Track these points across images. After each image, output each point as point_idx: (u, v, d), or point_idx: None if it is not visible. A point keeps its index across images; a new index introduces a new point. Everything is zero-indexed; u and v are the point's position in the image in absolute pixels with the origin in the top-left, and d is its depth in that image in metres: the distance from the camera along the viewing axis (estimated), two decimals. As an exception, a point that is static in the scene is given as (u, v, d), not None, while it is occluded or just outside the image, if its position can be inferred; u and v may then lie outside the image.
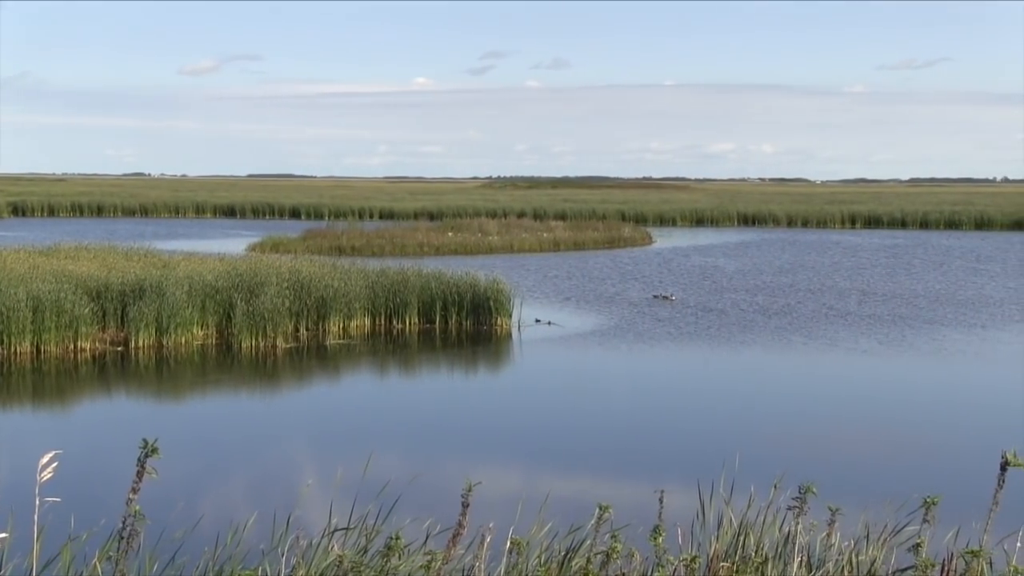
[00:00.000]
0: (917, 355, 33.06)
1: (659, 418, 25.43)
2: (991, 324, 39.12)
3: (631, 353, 33.20)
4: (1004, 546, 8.27)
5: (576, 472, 20.12)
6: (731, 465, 9.95)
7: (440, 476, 18.84)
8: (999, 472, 7.58)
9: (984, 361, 32.31)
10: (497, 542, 8.41)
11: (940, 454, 21.77)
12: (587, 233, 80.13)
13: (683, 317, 39.95)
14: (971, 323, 39.31)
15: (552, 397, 28.19)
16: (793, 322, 39.09)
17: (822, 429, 24.11)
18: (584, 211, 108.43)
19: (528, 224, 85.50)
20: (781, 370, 31.49)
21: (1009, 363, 32.23)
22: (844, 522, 8.75)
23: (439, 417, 25.64)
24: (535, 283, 50.73)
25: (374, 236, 70.60)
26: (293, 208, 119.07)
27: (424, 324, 37.58)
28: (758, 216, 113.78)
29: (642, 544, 8.31)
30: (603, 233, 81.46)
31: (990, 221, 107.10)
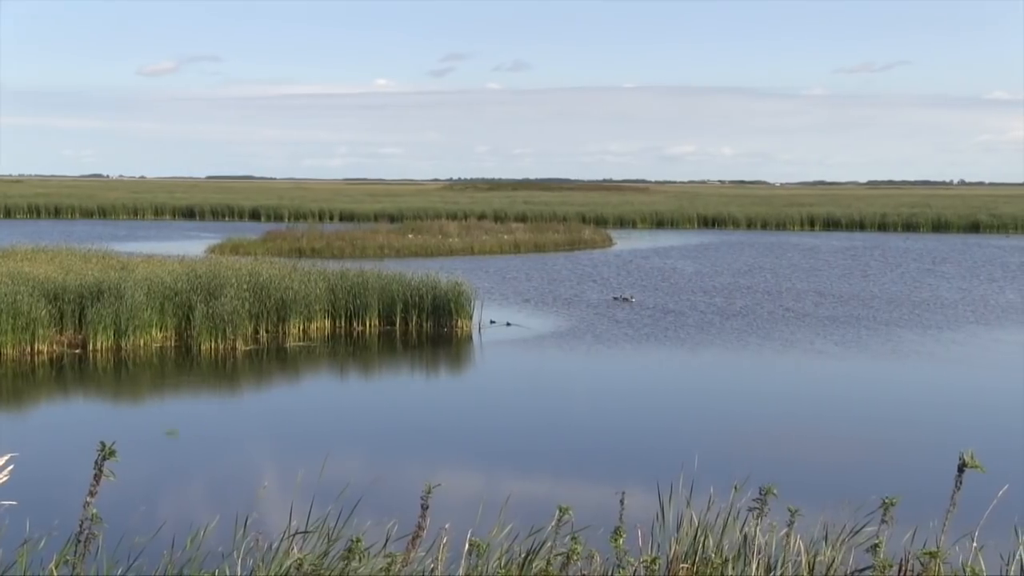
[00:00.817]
0: (873, 356, 33.27)
1: (619, 419, 25.46)
2: (946, 325, 39.42)
3: (591, 354, 33.24)
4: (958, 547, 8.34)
5: (536, 474, 20.13)
6: (690, 466, 9.99)
7: (400, 478, 18.81)
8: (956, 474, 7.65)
9: (939, 362, 32.54)
10: (457, 544, 8.41)
11: (898, 455, 21.91)
12: (547, 235, 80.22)
13: (642, 318, 40.05)
14: (926, 324, 39.60)
15: (512, 398, 28.19)
16: (751, 323, 39.26)
17: (781, 430, 24.22)
18: (544, 213, 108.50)
19: (488, 226, 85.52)
20: (739, 371, 31.61)
21: (963, 364, 32.47)
22: (803, 523, 8.79)
23: (399, 419, 25.59)
24: (495, 285, 50.73)
25: (334, 238, 70.39)
26: (253, 210, 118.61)
27: (384, 326, 37.50)
28: (718, 218, 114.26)
29: (602, 545, 8.32)
30: (563, 235, 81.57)
31: (947, 223, 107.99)
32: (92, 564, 7.97)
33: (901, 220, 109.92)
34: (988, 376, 31.22)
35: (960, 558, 8.26)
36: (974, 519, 8.58)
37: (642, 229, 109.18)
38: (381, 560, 8.30)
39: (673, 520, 9.20)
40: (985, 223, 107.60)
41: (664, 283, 53.23)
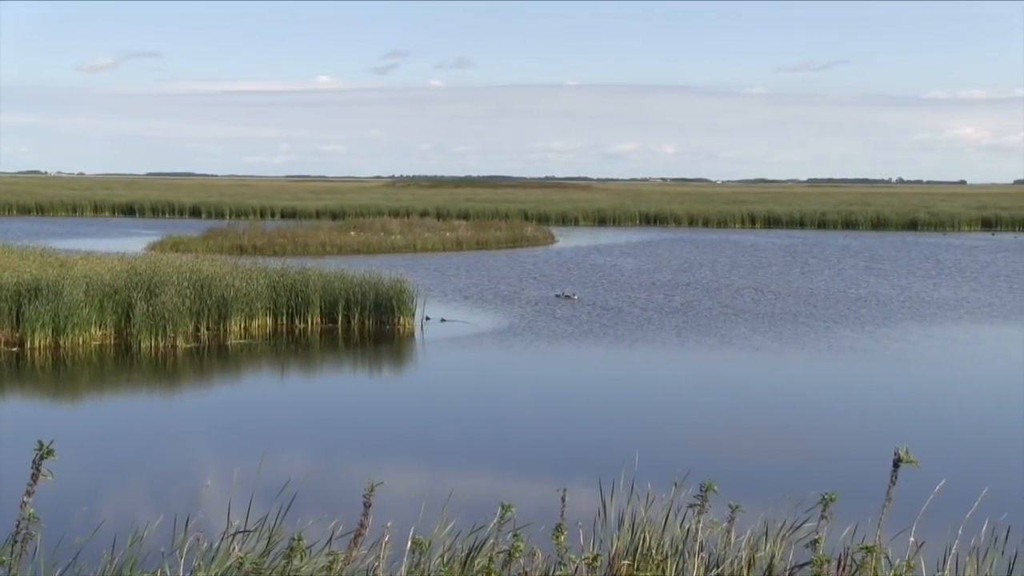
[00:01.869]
0: (811, 352, 33.56)
1: (561, 417, 25.52)
2: (882, 321, 39.82)
3: (533, 352, 33.30)
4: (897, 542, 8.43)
5: (479, 471, 20.15)
6: (632, 463, 10.02)
7: (342, 476, 18.77)
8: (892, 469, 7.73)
9: (875, 358, 32.85)
10: (399, 541, 8.41)
11: (837, 451, 22.11)
12: (490, 232, 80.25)
13: (584, 316, 40.17)
14: (863, 320, 39.99)
15: (455, 396, 28.19)
16: (691, 320, 39.50)
17: (721, 426, 24.38)
18: (487, 211, 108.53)
19: (431, 223, 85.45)
20: (679, 368, 31.78)
21: (899, 360, 32.81)
22: (744, 519, 8.86)
23: (342, 417, 25.52)
24: (438, 282, 50.69)
25: (276, 235, 70.06)
26: (194, 207, 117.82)
27: (326, 323, 37.38)
28: (659, 216, 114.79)
29: (544, 543, 8.35)
30: (506, 233, 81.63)
31: (886, 221, 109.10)
32: (29, 565, 7.90)
33: (841, 218, 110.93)
34: (923, 372, 31.57)
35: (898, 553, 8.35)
36: (914, 514, 8.69)
37: (584, 227, 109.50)
38: (323, 559, 8.29)
39: (615, 517, 9.24)
40: (923, 221, 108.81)
41: (605, 280, 53.41)
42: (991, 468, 19.96)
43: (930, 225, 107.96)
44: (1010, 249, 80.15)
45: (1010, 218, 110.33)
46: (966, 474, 16.77)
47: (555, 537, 8.23)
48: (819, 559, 7.98)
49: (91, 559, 8.87)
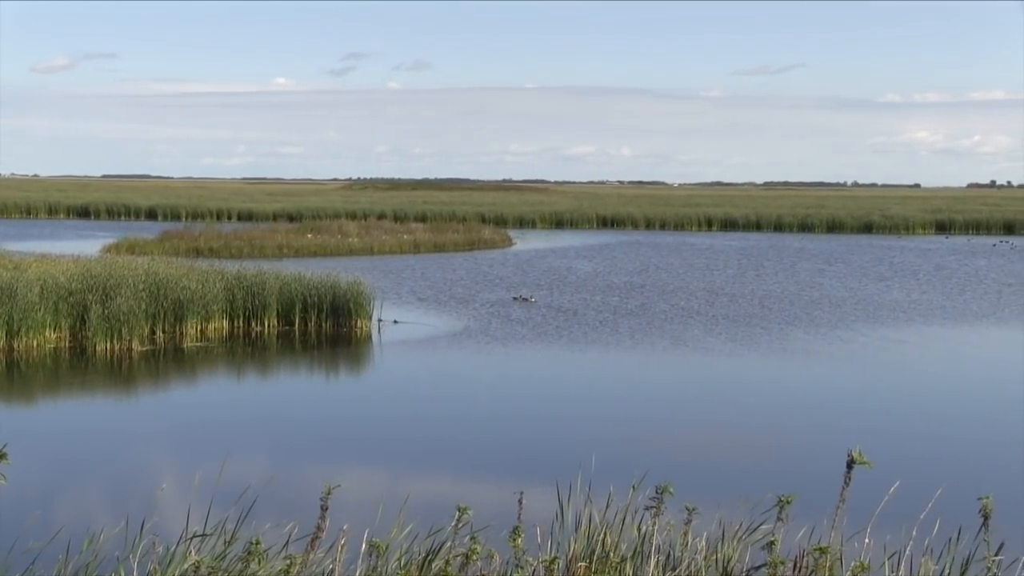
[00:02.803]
0: (765, 354, 33.75)
1: (519, 419, 25.55)
2: (836, 323, 40.09)
3: (490, 354, 33.31)
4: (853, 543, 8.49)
5: (436, 474, 20.13)
6: (589, 465, 10.05)
7: (300, 479, 18.71)
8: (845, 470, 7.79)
9: (828, 360, 33.08)
10: (356, 544, 8.40)
11: (792, 452, 22.24)
12: (447, 235, 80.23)
13: (542, 318, 40.22)
14: (817, 322, 40.26)
15: (412, 398, 28.15)
16: (647, 322, 39.63)
17: (677, 428, 24.47)
18: (444, 213, 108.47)
19: (388, 226, 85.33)
20: (636, 370, 31.87)
21: (852, 362, 33.04)
22: (701, 521, 8.90)
23: (299, 420, 25.44)
24: (395, 284, 50.61)
25: (232, 237, 69.76)
26: (150, 209, 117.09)
27: (283, 326, 37.26)
28: (616, 218, 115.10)
29: (502, 546, 8.36)
30: (463, 235, 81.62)
31: (841, 224, 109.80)
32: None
33: (797, 221, 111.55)
34: (876, 373, 31.78)
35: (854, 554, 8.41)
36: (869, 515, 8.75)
37: (542, 229, 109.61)
38: (280, 562, 8.27)
39: (572, 519, 9.26)
40: (878, 224, 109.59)
41: (562, 283, 53.50)
42: (944, 468, 20.13)
43: (885, 228, 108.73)
44: (963, 252, 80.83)
45: (963, 221, 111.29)
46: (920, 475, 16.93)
47: (512, 539, 8.24)
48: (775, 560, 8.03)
49: (46, 564, 8.81)
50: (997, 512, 8.06)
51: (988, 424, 25.24)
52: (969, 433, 24.33)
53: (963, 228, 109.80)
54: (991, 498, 8.03)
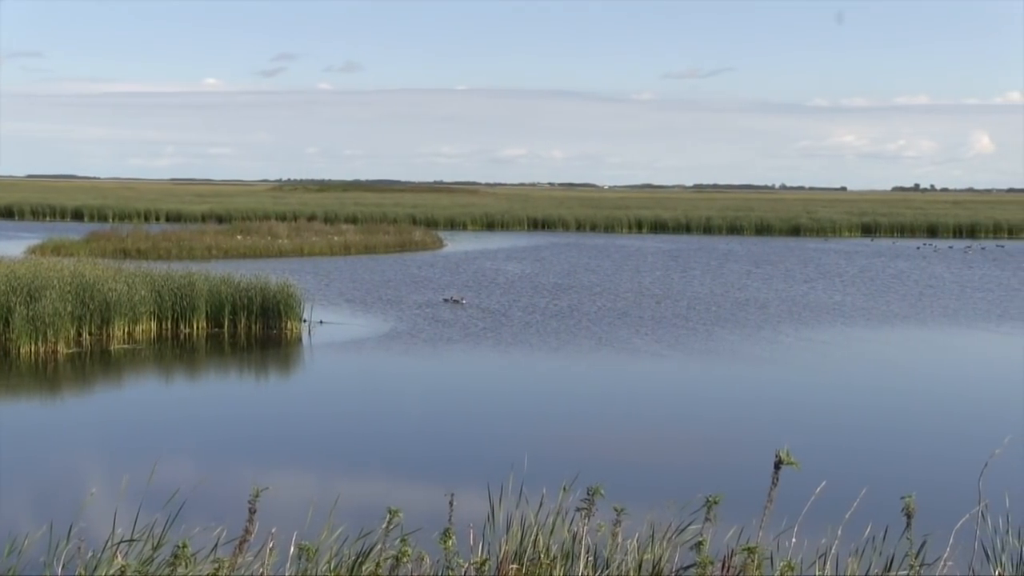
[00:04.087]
0: (693, 355, 33.99)
1: (450, 421, 25.54)
2: (762, 324, 40.46)
3: (421, 356, 33.26)
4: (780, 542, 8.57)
5: (367, 476, 20.08)
6: (520, 467, 10.07)
7: (230, 482, 18.58)
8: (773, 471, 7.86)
9: (754, 361, 33.35)
10: (286, 547, 8.36)
11: (721, 453, 22.40)
12: (378, 237, 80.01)
13: (472, 320, 40.23)
14: (743, 324, 40.60)
15: (343, 400, 28.05)
16: (576, 323, 39.77)
17: (608, 429, 24.57)
18: (375, 215, 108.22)
19: (318, 227, 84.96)
20: (565, 371, 31.96)
21: (778, 363, 33.35)
22: (631, 522, 8.94)
23: (228, 422, 25.27)
24: (326, 286, 50.41)
25: (160, 239, 69.12)
26: (76, 210, 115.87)
27: (213, 328, 36.97)
28: (548, 220, 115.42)
29: (433, 547, 8.35)
30: (394, 237, 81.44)
31: (769, 227, 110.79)
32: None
33: (726, 223, 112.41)
34: (801, 374, 32.11)
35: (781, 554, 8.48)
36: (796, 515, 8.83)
37: (472, 231, 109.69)
38: (208, 565, 8.21)
39: (503, 521, 9.27)
40: (805, 226, 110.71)
41: (492, 284, 53.55)
42: (869, 468, 20.36)
43: (812, 231, 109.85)
44: (887, 255, 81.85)
45: (888, 224, 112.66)
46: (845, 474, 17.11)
47: (443, 541, 8.23)
48: (703, 560, 8.09)
49: (-31, 569, 8.68)
50: (921, 511, 8.18)
51: (911, 423, 25.57)
52: (893, 433, 24.63)
53: (888, 231, 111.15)
54: (914, 497, 8.14)
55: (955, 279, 61.49)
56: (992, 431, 23.11)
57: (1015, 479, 10.84)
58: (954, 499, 9.33)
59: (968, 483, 9.35)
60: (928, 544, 8.42)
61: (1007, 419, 25.62)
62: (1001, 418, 25.95)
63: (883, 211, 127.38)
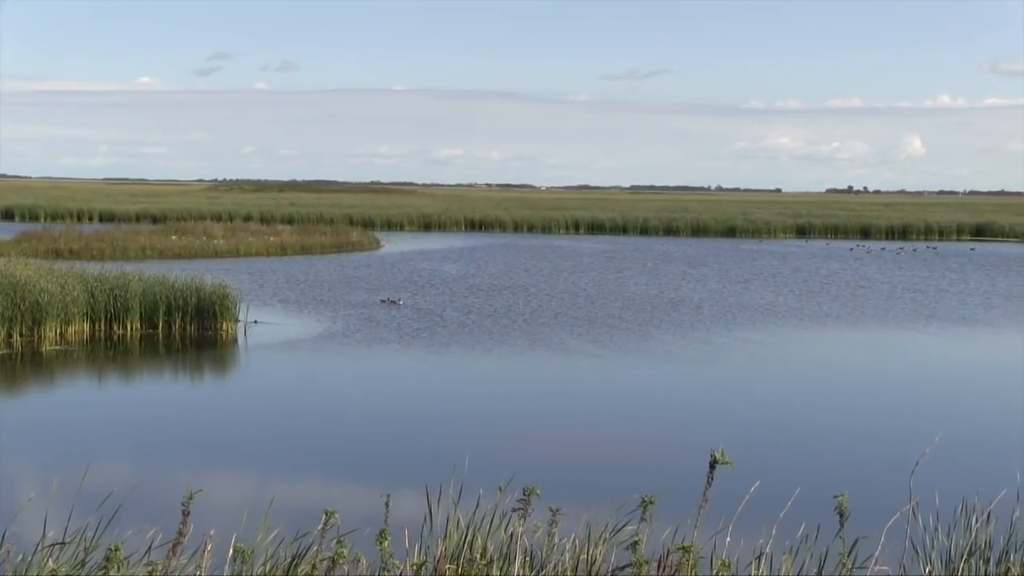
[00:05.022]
0: (628, 355, 34.14)
1: (387, 421, 25.49)
2: (697, 325, 40.73)
3: (358, 356, 33.18)
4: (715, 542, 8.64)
5: (304, 477, 20.00)
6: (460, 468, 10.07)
7: (164, 484, 18.42)
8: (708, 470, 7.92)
9: (689, 361, 33.58)
10: (221, 549, 8.31)
11: (657, 452, 22.52)
12: (315, 237, 79.67)
13: (409, 320, 40.18)
14: (678, 324, 40.85)
15: (279, 402, 27.91)
16: (512, 323, 39.86)
17: (544, 429, 24.62)
18: (312, 215, 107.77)
19: (255, 228, 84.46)
20: (500, 371, 32.01)
21: (712, 363, 33.58)
22: (568, 522, 8.97)
23: (163, 424, 25.06)
24: (262, 287, 50.13)
25: (93, 239, 68.43)
26: (6, 209, 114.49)
27: (147, 329, 36.66)
28: (485, 221, 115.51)
29: (369, 549, 8.34)
30: (331, 238, 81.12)
31: (705, 228, 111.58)
32: None
33: (662, 224, 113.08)
34: (734, 374, 32.35)
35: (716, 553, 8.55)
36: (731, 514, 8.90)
37: (410, 232, 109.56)
38: (141, 568, 8.14)
39: (440, 522, 9.27)
40: (741, 228, 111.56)
41: (429, 285, 53.52)
42: (803, 468, 20.56)
43: (747, 232, 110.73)
44: (820, 256, 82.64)
45: (822, 226, 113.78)
46: (779, 474, 17.27)
47: (379, 543, 8.22)
48: (639, 560, 8.13)
49: None
50: (854, 509, 8.27)
51: (843, 423, 25.83)
52: (826, 432, 24.89)
53: (822, 232, 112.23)
54: (846, 496, 8.23)
55: (886, 280, 62.20)
56: (923, 429, 23.44)
57: (945, 477, 10.99)
58: (886, 497, 9.44)
59: (899, 481, 9.46)
60: (860, 543, 8.51)
61: (938, 417, 25.98)
62: (932, 416, 26.31)
63: (817, 213, 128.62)
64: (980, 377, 33.03)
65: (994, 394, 30.09)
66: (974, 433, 24.39)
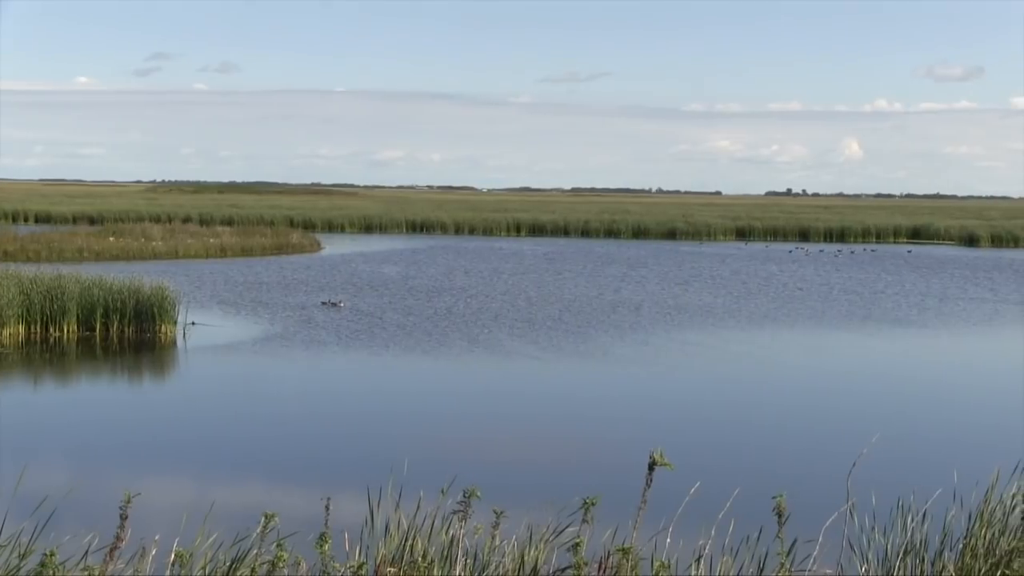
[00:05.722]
0: (568, 357, 34.22)
1: (328, 424, 25.40)
2: (636, 326, 40.90)
3: (298, 359, 33.03)
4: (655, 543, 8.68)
5: (244, 481, 19.88)
6: (400, 470, 10.05)
7: (102, 488, 18.25)
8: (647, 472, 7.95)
9: (629, 362, 33.69)
10: (161, 554, 8.25)
11: (598, 453, 22.58)
12: (255, 239, 79.20)
13: (349, 322, 40.06)
14: (618, 326, 40.99)
15: (219, 404, 27.74)
16: (452, 325, 39.85)
17: (485, 431, 24.63)
18: (252, 217, 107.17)
19: (194, 229, 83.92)
20: (441, 373, 31.98)
21: (652, 364, 33.73)
22: (509, 524, 8.98)
23: (100, 427, 24.83)
24: (201, 289, 49.78)
25: (29, 240, 67.69)
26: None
27: (84, 331, 36.30)
28: (426, 223, 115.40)
29: (309, 552, 8.31)
30: (271, 239, 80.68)
31: (646, 230, 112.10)
32: None
33: (603, 226, 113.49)
34: (674, 375, 32.53)
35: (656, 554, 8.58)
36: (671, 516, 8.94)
37: (350, 233, 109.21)
38: (78, 573, 8.06)
39: (381, 524, 9.25)
40: (681, 230, 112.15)
41: (370, 287, 53.38)
42: (742, 469, 20.69)
43: (688, 234, 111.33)
44: (759, 258, 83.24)
45: (762, 228, 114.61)
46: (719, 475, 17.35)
47: (319, 546, 8.19)
48: (580, 562, 8.15)
49: None
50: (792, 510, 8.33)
51: (781, 423, 26.05)
52: (764, 433, 25.08)
53: (762, 235, 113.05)
54: (785, 496, 8.29)
55: (824, 282, 62.76)
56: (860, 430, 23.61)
57: (882, 477, 11.10)
58: (824, 497, 9.52)
59: (837, 481, 9.56)
60: (799, 543, 8.58)
61: (874, 418, 26.22)
62: (868, 417, 26.55)
63: (757, 215, 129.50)
64: (915, 377, 33.40)
65: (929, 394, 30.45)
66: (910, 433, 24.66)
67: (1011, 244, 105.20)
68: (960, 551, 9.63)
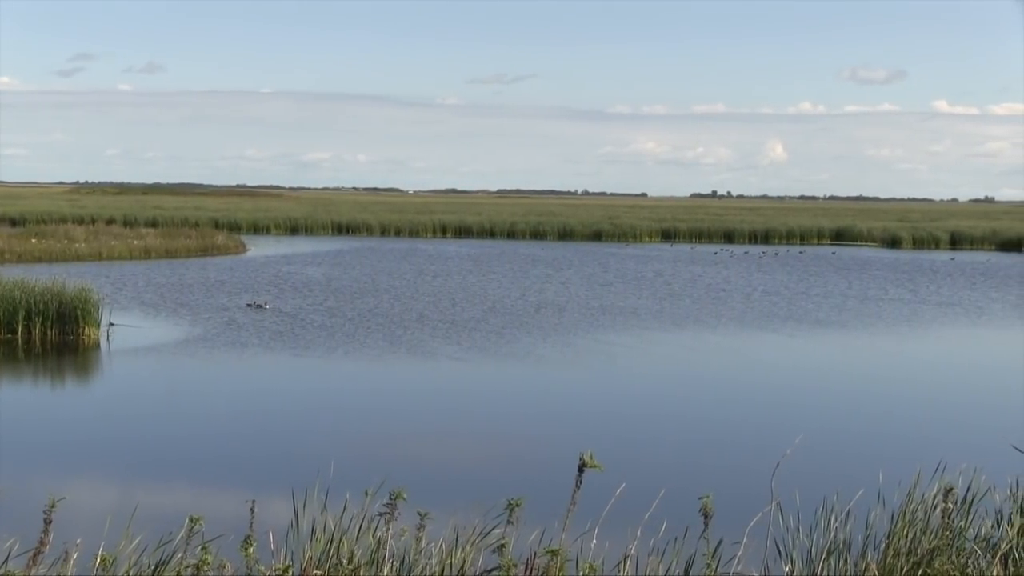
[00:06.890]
0: (492, 358, 34.27)
1: (253, 426, 25.24)
2: (560, 327, 41.03)
3: (223, 360, 32.80)
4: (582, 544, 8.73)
5: (168, 484, 19.70)
6: (327, 473, 10.02)
7: (24, 493, 18.01)
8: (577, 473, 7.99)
9: (553, 364, 33.80)
10: (84, 559, 8.17)
11: (525, 456, 22.63)
12: (179, 241, 78.48)
13: (272, 324, 39.84)
14: (542, 327, 41.09)
15: (142, 406, 27.47)
16: (376, 326, 39.78)
17: (410, 432, 24.60)
18: (176, 218, 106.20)
19: (117, 231, 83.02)
20: (366, 375, 31.91)
21: (573, 365, 33.85)
22: (435, 526, 8.99)
23: (22, 430, 24.50)
24: (125, 291, 49.26)
25: (-52, 241, 66.61)
26: None
27: (5, 334, 35.80)
28: (351, 225, 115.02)
29: (235, 555, 8.27)
30: (196, 241, 79.96)
31: (572, 232, 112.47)
32: None
33: (529, 228, 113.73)
34: (598, 377, 32.64)
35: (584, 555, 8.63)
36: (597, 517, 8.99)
37: (276, 235, 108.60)
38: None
39: (307, 527, 9.23)
40: (607, 232, 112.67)
41: (293, 289, 53.12)
42: (667, 470, 20.84)
43: (614, 236, 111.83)
44: (684, 259, 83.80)
45: (687, 230, 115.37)
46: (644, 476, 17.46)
47: (244, 549, 8.16)
48: (507, 563, 8.18)
49: None
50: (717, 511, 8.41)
51: (706, 424, 26.24)
52: (689, 433, 25.25)
53: (687, 236, 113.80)
54: (710, 497, 8.37)
55: (746, 283, 63.29)
56: (783, 430, 23.87)
57: (806, 478, 11.23)
58: (749, 498, 9.61)
59: (761, 482, 9.65)
60: (724, 543, 8.66)
61: (798, 418, 26.53)
62: (792, 417, 26.85)
63: (682, 217, 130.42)
64: (837, 378, 33.76)
65: (851, 394, 30.80)
66: (833, 434, 24.94)
67: (932, 246, 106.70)
68: (883, 550, 9.77)
